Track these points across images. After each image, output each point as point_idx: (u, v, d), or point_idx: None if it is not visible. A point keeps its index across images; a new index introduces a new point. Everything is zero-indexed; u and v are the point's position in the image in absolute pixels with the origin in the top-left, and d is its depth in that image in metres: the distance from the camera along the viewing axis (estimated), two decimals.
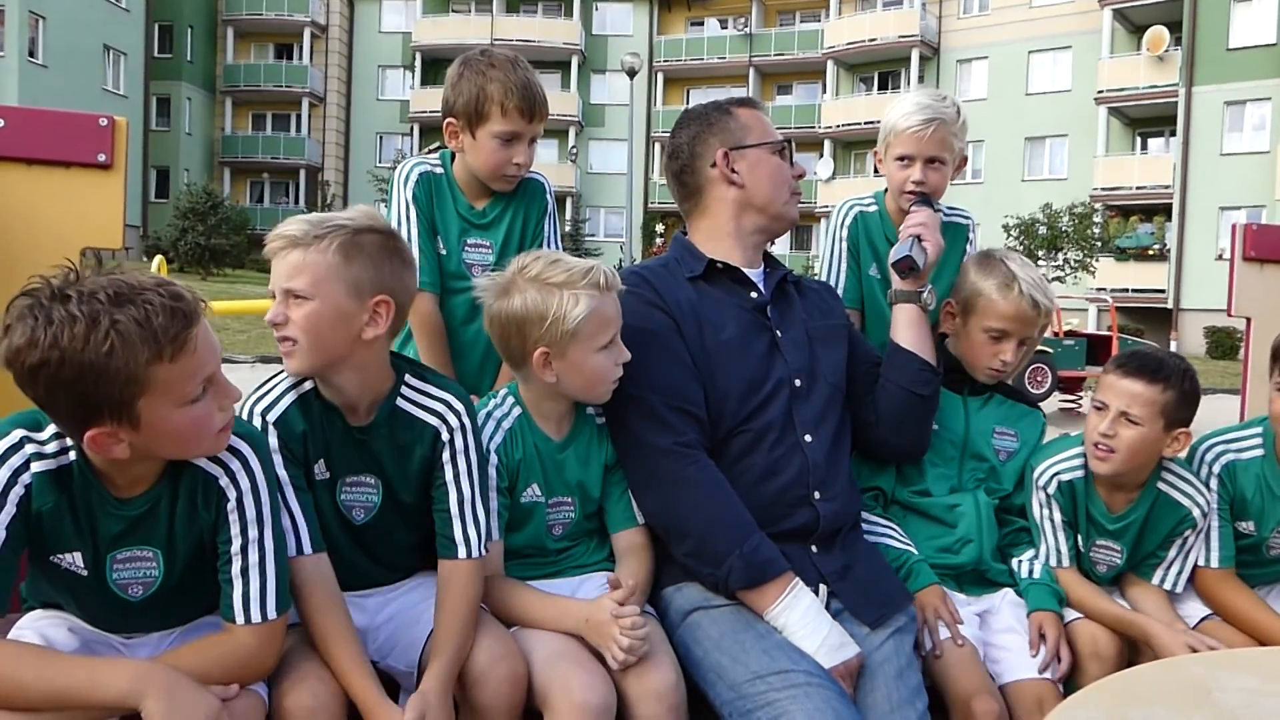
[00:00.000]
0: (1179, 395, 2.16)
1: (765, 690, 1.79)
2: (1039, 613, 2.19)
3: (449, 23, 40.38)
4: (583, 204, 40.39)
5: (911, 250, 2.24)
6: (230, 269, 30.11)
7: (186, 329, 1.43)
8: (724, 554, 1.91)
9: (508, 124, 2.31)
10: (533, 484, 2.00)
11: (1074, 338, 15.82)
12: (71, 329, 1.34)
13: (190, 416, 1.47)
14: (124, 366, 1.37)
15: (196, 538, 1.62)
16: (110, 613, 1.65)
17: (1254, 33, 28.50)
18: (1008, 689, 2.08)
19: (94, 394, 1.38)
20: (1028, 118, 33.15)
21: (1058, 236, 27.07)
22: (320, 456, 1.82)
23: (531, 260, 1.96)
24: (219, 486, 1.60)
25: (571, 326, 1.88)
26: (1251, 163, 28.39)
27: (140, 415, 1.42)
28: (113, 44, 33.44)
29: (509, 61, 2.34)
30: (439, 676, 1.69)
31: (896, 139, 2.50)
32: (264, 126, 41.97)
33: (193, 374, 1.45)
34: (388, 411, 1.83)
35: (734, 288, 2.17)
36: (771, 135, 2.22)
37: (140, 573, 1.60)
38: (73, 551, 1.56)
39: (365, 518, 1.87)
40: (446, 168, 2.46)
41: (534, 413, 2.03)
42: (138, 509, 1.57)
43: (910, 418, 2.24)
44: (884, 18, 35.64)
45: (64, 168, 2.14)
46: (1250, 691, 1.44)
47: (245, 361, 14.99)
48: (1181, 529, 2.27)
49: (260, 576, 1.61)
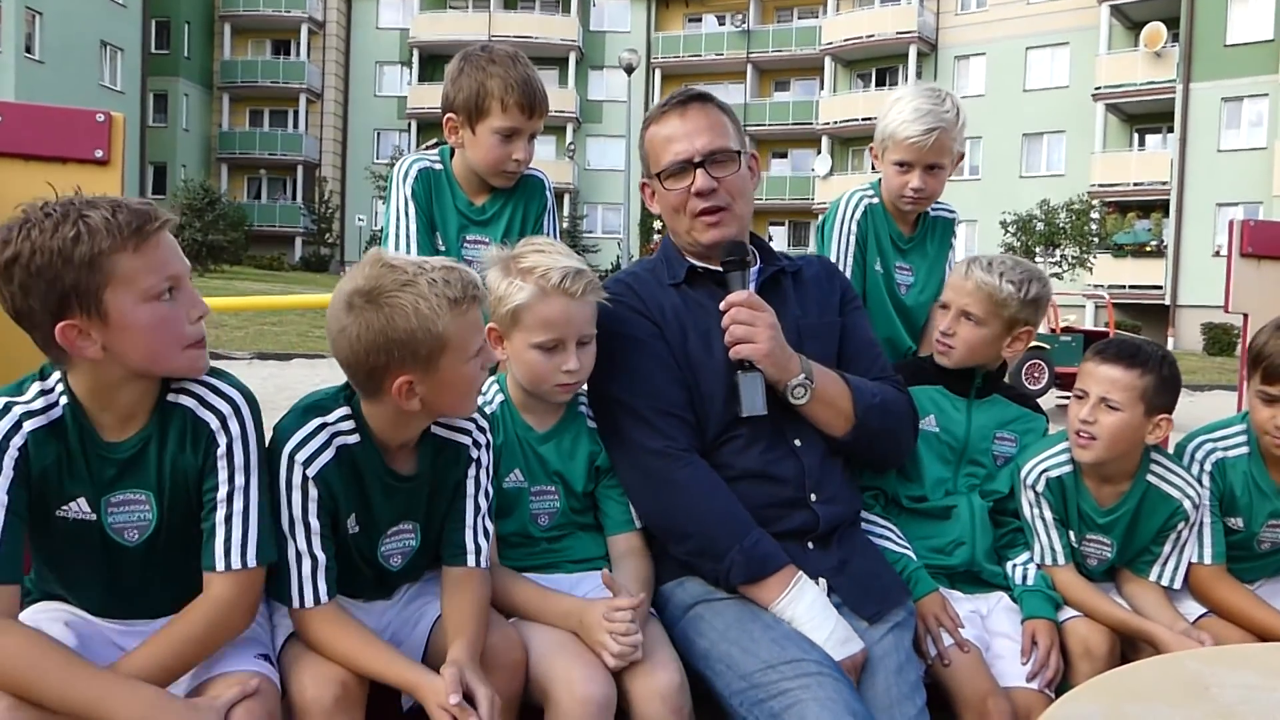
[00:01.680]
0: (1158, 380, 2.17)
1: (778, 679, 1.78)
2: (1033, 620, 2.19)
3: (447, 19, 40.33)
4: (580, 201, 40.38)
5: (746, 404, 1.95)
6: (228, 265, 30.05)
7: (150, 223, 1.51)
8: (724, 550, 1.92)
9: (508, 119, 2.31)
10: (514, 470, 2.03)
11: (1071, 334, 15.85)
12: (43, 224, 1.45)
13: (156, 315, 1.52)
14: (88, 252, 1.45)
15: (185, 481, 1.65)
16: (111, 574, 1.67)
17: (1251, 29, 28.51)
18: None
19: (61, 281, 1.45)
20: (1025, 114, 33.16)
21: (1055, 233, 27.10)
22: (355, 508, 1.80)
23: (524, 246, 2.01)
24: (209, 431, 1.64)
25: (507, 310, 1.94)
26: (1249, 159, 28.41)
27: (108, 309, 1.48)
28: (110, 40, 33.39)
29: (509, 57, 2.34)
30: (465, 648, 1.69)
31: (895, 145, 2.48)
32: (261, 123, 41.92)
33: (156, 268, 1.52)
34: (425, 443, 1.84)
35: (718, 292, 2.12)
36: (660, 161, 2.08)
37: (135, 516, 1.64)
38: (76, 499, 1.61)
39: (402, 563, 1.88)
40: (445, 164, 2.45)
41: (518, 404, 2.06)
42: (127, 451, 1.62)
43: (855, 455, 2.16)
44: (882, 14, 35.62)
45: (61, 163, 2.13)
46: (1248, 687, 1.44)
47: (242, 358, 14.99)
48: (1174, 522, 2.27)
49: (243, 524, 1.64)
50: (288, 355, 15.92)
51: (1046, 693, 2.08)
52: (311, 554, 1.71)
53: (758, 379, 1.96)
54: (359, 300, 1.65)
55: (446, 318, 1.64)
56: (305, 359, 15.59)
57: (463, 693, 1.60)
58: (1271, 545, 2.37)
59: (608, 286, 2.10)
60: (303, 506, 1.70)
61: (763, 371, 1.97)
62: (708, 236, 2.07)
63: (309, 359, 15.47)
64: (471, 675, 1.63)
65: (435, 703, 1.59)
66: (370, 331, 1.63)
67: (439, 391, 1.70)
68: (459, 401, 1.77)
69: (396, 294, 1.63)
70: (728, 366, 2.04)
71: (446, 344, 1.66)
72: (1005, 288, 2.29)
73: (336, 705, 1.62)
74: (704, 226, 2.07)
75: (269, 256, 36.95)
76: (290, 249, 39.79)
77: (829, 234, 2.67)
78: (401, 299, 1.63)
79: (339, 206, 40.17)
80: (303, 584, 1.71)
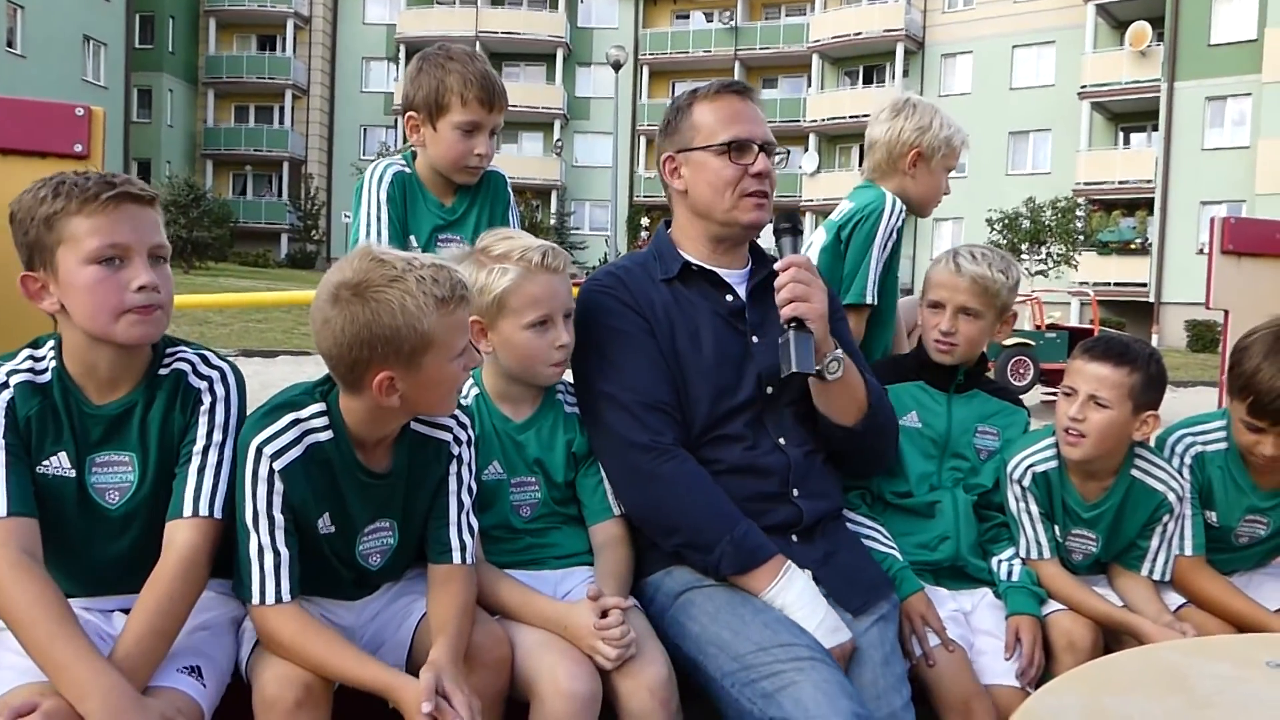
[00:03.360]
0: (1146, 378, 2.18)
1: (770, 661, 1.79)
2: (1017, 617, 2.20)
3: (433, 15, 40.19)
4: (568, 197, 40.35)
5: (798, 361, 1.92)
6: (213, 262, 29.92)
7: (108, 191, 1.60)
8: (713, 542, 1.92)
9: (468, 114, 2.34)
10: (493, 462, 2.02)
11: (1056, 330, 15.95)
12: (35, 186, 1.62)
13: (94, 278, 1.60)
14: (48, 211, 1.59)
15: (171, 443, 1.72)
16: (87, 541, 1.68)
17: (1235, 29, 28.70)
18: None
19: (27, 235, 1.61)
20: (1011, 112, 33.28)
21: (1041, 230, 27.21)
22: (329, 507, 1.78)
23: (489, 237, 2.02)
24: (197, 392, 1.74)
25: (493, 298, 1.94)
26: (1232, 158, 28.59)
27: (59, 265, 1.60)
28: (93, 34, 33.17)
29: (467, 55, 2.38)
30: (447, 649, 1.68)
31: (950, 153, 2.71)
32: (246, 119, 41.71)
33: (101, 232, 1.59)
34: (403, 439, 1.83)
35: (710, 291, 2.14)
36: (717, 136, 2.09)
37: (117, 477, 1.70)
38: (58, 454, 1.66)
39: (381, 562, 1.87)
40: (411, 168, 2.47)
41: (494, 395, 2.06)
42: (113, 411, 1.69)
43: (847, 456, 2.18)
44: (869, 12, 35.69)
45: (40, 158, 2.12)
46: (1225, 678, 1.45)
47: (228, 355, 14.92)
48: (1159, 515, 2.29)
49: (215, 476, 1.71)
50: (273, 352, 15.85)
51: (1029, 690, 2.09)
52: (275, 549, 1.68)
53: (809, 339, 1.96)
54: (345, 293, 1.64)
55: (433, 316, 1.64)
56: (291, 356, 15.53)
57: (441, 696, 1.58)
58: (1250, 539, 2.39)
59: (598, 277, 2.10)
60: (267, 500, 1.68)
61: (814, 367, 1.96)
62: (750, 217, 2.10)
63: (295, 356, 15.41)
64: (450, 678, 1.62)
65: (412, 707, 1.57)
66: (355, 325, 1.63)
67: (420, 390, 1.70)
68: (439, 401, 1.77)
69: (384, 289, 1.63)
70: (715, 363, 2.05)
71: (431, 342, 1.65)
72: (997, 277, 2.33)
73: (299, 705, 1.60)
74: (751, 206, 2.10)
75: (254, 253, 36.78)
76: (276, 246, 39.62)
77: (870, 235, 2.65)
78: (388, 294, 1.62)
79: (325, 203, 39.97)
80: (264, 579, 1.68)
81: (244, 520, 1.69)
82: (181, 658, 1.66)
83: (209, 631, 1.75)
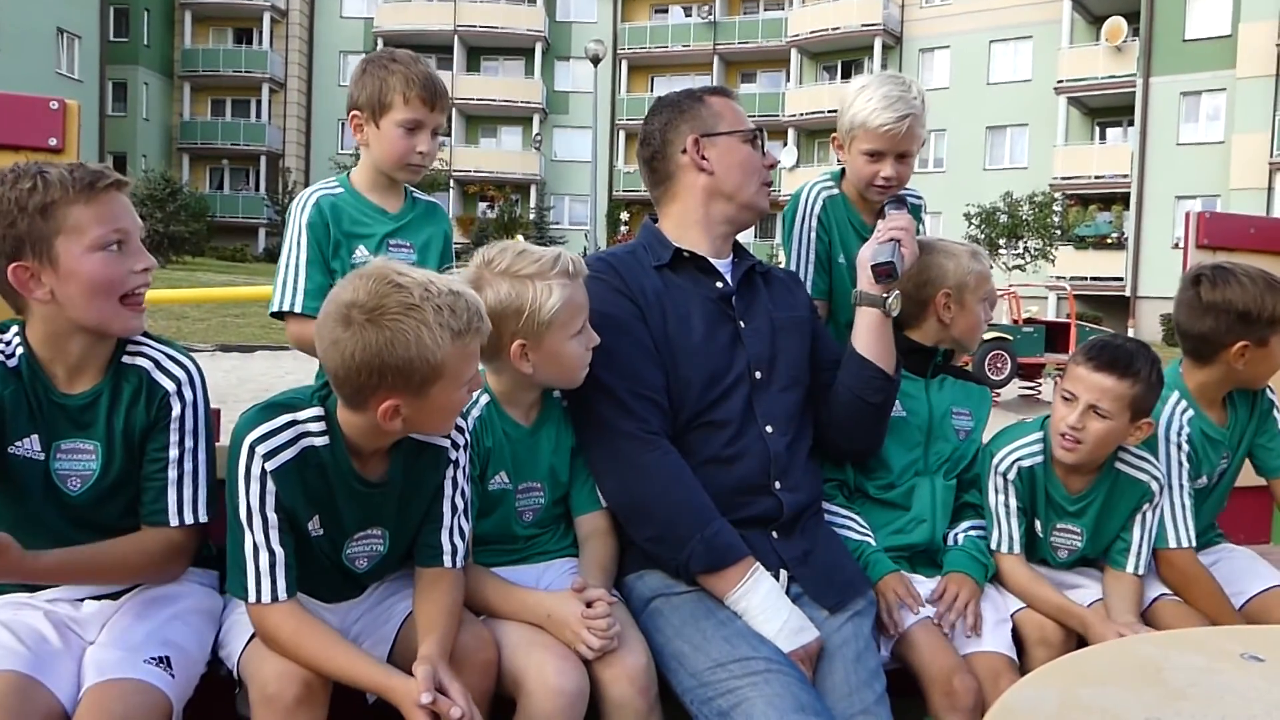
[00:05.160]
0: (1146, 388, 2.19)
1: (726, 678, 1.81)
2: (954, 574, 2.21)
3: (411, 8, 39.96)
4: (547, 192, 40.25)
5: (893, 256, 2.17)
6: (190, 256, 29.67)
7: (103, 180, 1.64)
8: (685, 538, 1.93)
9: (410, 112, 2.37)
10: (500, 472, 2.00)
11: (1033, 325, 16.04)
12: (6, 178, 1.61)
13: (100, 262, 1.63)
14: (42, 201, 1.60)
15: (132, 436, 1.75)
16: (52, 526, 1.70)
17: (1210, 24, 28.97)
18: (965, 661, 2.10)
19: (16, 226, 1.60)
20: (989, 107, 33.46)
21: (1018, 225, 27.38)
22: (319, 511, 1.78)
23: (497, 253, 1.95)
24: (164, 394, 1.77)
25: (548, 317, 1.89)
26: (1207, 153, 28.88)
27: (58, 255, 1.61)
28: (66, 26, 32.73)
29: (410, 57, 2.43)
30: (436, 644, 1.67)
31: (865, 134, 2.45)
32: (223, 112, 41.37)
33: (105, 220, 1.64)
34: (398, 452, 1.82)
35: (700, 277, 2.17)
36: (743, 124, 2.22)
37: (80, 464, 1.73)
38: (29, 436, 1.70)
39: (368, 566, 1.87)
40: (346, 186, 2.48)
41: (503, 401, 2.02)
42: (81, 401, 1.72)
43: (860, 424, 2.23)
44: (847, 6, 35.75)
45: (13, 151, 2.10)
46: (1198, 669, 1.47)
47: (205, 350, 14.82)
48: (1140, 504, 2.30)
49: (194, 484, 1.78)
50: (251, 347, 15.76)
51: (1009, 655, 2.11)
52: (270, 548, 1.67)
53: (900, 254, 2.19)
54: (359, 315, 1.57)
55: (447, 348, 1.60)
56: (268, 351, 15.44)
57: (437, 689, 1.58)
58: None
59: (589, 264, 2.09)
60: (260, 498, 1.67)
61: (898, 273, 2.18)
62: (766, 203, 2.25)
63: (272, 351, 15.32)
64: (444, 671, 1.62)
65: (410, 702, 1.57)
66: (367, 351, 1.57)
67: (424, 415, 1.68)
68: (441, 424, 1.76)
69: (400, 317, 1.57)
70: (705, 347, 2.09)
71: (442, 373, 1.62)
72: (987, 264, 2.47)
73: (298, 702, 1.60)
74: (767, 194, 2.26)
75: (232, 248, 36.51)
76: (254, 240, 39.33)
77: (789, 229, 2.66)
78: (404, 324, 1.57)
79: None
80: (260, 578, 1.67)
81: (236, 516, 1.67)
82: (148, 648, 1.66)
83: (182, 620, 1.75)
